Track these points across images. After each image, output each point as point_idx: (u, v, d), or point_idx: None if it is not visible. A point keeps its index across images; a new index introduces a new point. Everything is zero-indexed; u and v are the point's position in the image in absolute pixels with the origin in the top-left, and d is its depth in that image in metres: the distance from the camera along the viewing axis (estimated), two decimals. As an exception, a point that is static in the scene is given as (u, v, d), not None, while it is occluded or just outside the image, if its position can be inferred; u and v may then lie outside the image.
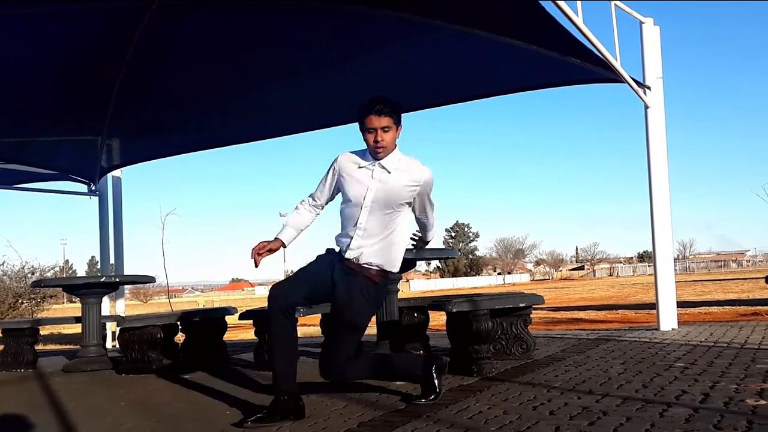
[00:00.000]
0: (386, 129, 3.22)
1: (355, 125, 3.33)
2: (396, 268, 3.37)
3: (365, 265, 3.25)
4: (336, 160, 3.40)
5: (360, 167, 3.30)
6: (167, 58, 6.61)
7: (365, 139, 3.27)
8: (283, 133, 9.07)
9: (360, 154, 3.35)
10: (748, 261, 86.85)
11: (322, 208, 3.55)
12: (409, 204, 3.36)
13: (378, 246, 3.26)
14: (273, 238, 3.43)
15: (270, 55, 6.65)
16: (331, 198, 3.48)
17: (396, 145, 3.30)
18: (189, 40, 6.21)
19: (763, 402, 2.86)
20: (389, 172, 3.26)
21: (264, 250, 3.35)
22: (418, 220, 3.61)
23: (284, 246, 3.45)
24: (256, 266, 3.34)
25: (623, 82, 5.82)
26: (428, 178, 3.34)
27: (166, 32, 5.99)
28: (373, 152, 3.26)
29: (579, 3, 5.01)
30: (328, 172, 3.43)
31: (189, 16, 5.76)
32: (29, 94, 7.06)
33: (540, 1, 4.83)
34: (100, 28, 5.86)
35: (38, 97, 7.23)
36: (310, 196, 3.52)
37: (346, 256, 3.26)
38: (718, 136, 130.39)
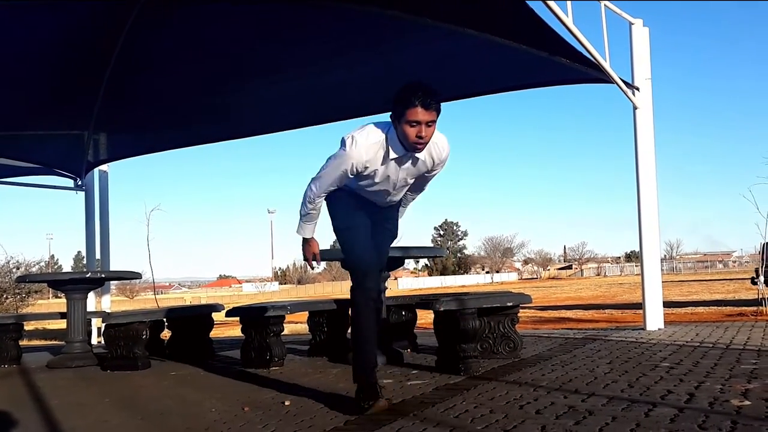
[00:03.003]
0: (430, 124, 2.95)
1: (347, 122, 3.28)
2: None
3: None
4: (349, 160, 3.04)
5: (391, 159, 3.08)
6: (155, 54, 6.56)
7: (402, 131, 2.96)
8: (271, 130, 9.05)
9: (376, 142, 3.04)
10: (735, 262, 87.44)
11: None
12: None
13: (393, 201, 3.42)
14: (309, 239, 3.38)
15: (259, 51, 6.62)
16: None
17: None
18: (178, 35, 6.17)
19: (747, 402, 2.87)
20: (419, 158, 3.12)
21: (318, 255, 3.41)
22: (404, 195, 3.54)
23: None
24: (314, 268, 3.52)
25: (612, 83, 5.84)
26: (447, 153, 3.24)
27: (154, 27, 5.95)
28: (412, 147, 3.00)
29: (569, 3, 5.01)
30: (339, 172, 3.10)
31: (178, 11, 5.72)
32: (15, 88, 6.98)
33: (529, 1, 4.83)
34: (88, 22, 5.81)
35: (24, 91, 7.16)
36: (324, 191, 3.22)
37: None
38: (705, 137, 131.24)
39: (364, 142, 3.03)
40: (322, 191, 3.22)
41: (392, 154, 3.06)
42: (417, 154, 3.09)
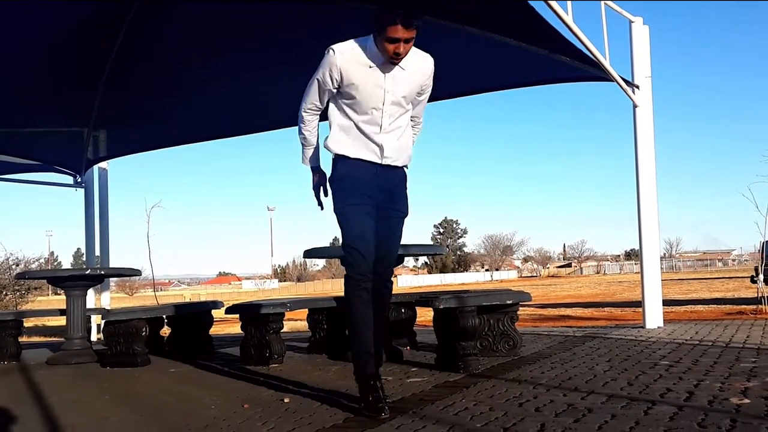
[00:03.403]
0: (409, 40, 2.96)
1: None
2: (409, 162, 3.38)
3: (399, 165, 3.27)
4: (332, 59, 3.06)
5: (369, 67, 3.05)
6: (156, 49, 6.56)
7: (380, 46, 2.97)
8: (271, 127, 9.04)
9: (361, 46, 3.06)
10: (734, 260, 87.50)
11: None
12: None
13: (398, 144, 3.24)
14: (314, 169, 3.34)
15: (259, 47, 6.62)
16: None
17: None
18: (178, 31, 6.17)
19: (746, 401, 2.87)
20: (403, 69, 3.09)
21: (325, 187, 3.30)
22: None
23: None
24: (322, 207, 3.34)
25: (612, 81, 5.83)
26: (432, 66, 3.22)
27: (154, 23, 5.95)
28: (388, 61, 3.01)
29: (569, 2, 5.01)
30: (323, 74, 3.10)
31: (178, 7, 5.72)
32: (15, 85, 6.98)
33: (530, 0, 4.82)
34: (87, 19, 5.81)
35: (24, 88, 7.16)
36: (309, 107, 3.23)
37: (384, 162, 3.20)
38: (705, 135, 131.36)
39: (343, 45, 3.07)
40: (309, 103, 3.23)
41: (371, 62, 3.05)
42: (403, 64, 3.07)
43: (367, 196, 3.20)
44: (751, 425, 2.47)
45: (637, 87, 6.04)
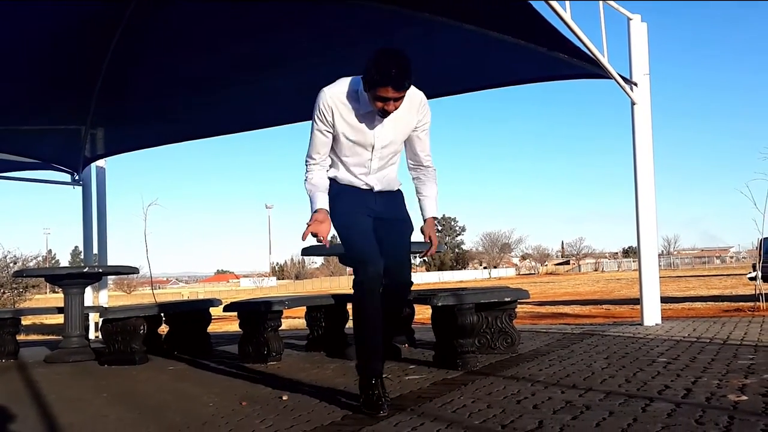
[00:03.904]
0: (398, 99, 2.94)
1: None
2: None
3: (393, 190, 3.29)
4: (324, 104, 3.03)
5: (360, 112, 3.03)
6: (154, 47, 6.55)
7: (370, 98, 2.94)
8: (269, 124, 9.03)
9: (352, 89, 3.02)
10: (732, 257, 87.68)
11: None
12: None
13: (387, 180, 3.26)
14: (316, 211, 3.04)
15: (257, 44, 6.60)
16: None
17: None
18: (176, 28, 6.16)
19: (744, 397, 2.88)
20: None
21: (325, 232, 3.02)
22: (416, 173, 3.35)
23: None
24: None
25: (610, 78, 5.83)
26: (423, 100, 3.16)
27: (152, 20, 5.94)
28: (376, 113, 2.99)
29: (567, 0, 5.01)
30: (317, 116, 3.08)
31: (176, 6, 5.71)
32: (12, 82, 6.96)
33: (529, -3, 4.82)
34: (85, 17, 5.79)
35: (22, 86, 7.14)
36: (314, 158, 3.15)
37: (376, 190, 3.23)
38: (703, 132, 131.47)
39: (335, 87, 3.04)
40: (309, 155, 3.16)
41: (362, 108, 3.02)
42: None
43: (365, 206, 3.22)
44: (748, 422, 2.47)
45: (636, 84, 6.04)
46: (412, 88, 3.07)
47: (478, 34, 5.70)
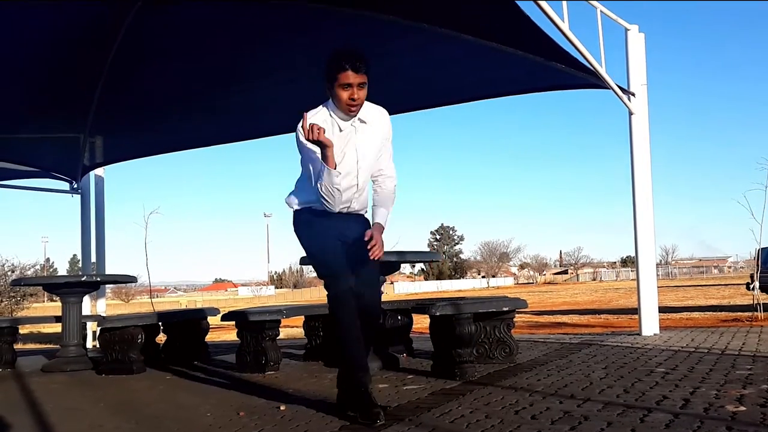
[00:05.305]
0: (362, 85, 3.03)
1: None
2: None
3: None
4: (303, 124, 3.01)
5: (340, 130, 3.10)
6: (152, 55, 6.57)
7: (336, 96, 3.04)
8: (268, 133, 9.03)
9: (318, 112, 3.11)
10: (730, 267, 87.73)
11: None
12: None
13: (362, 197, 3.30)
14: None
15: (256, 53, 6.62)
16: None
17: None
18: (175, 37, 6.17)
19: (742, 408, 2.88)
20: (365, 123, 3.14)
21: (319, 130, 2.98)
22: (377, 183, 3.32)
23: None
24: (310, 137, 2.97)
25: (608, 89, 5.86)
26: (388, 117, 3.27)
27: (151, 28, 5.96)
28: (346, 110, 3.06)
29: (565, 9, 5.03)
30: (308, 151, 3.10)
31: (175, 13, 5.72)
32: (11, 90, 6.98)
33: (525, 6, 4.85)
34: (85, 23, 5.81)
35: (20, 94, 7.15)
36: (317, 181, 3.09)
37: (344, 211, 3.24)
38: (700, 142, 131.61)
39: (307, 115, 3.05)
40: (315, 180, 3.12)
41: (339, 124, 3.11)
42: (363, 119, 3.12)
43: (336, 231, 3.24)
44: (746, 433, 2.47)
45: (633, 95, 6.06)
46: (379, 107, 3.21)
47: (476, 45, 5.72)
